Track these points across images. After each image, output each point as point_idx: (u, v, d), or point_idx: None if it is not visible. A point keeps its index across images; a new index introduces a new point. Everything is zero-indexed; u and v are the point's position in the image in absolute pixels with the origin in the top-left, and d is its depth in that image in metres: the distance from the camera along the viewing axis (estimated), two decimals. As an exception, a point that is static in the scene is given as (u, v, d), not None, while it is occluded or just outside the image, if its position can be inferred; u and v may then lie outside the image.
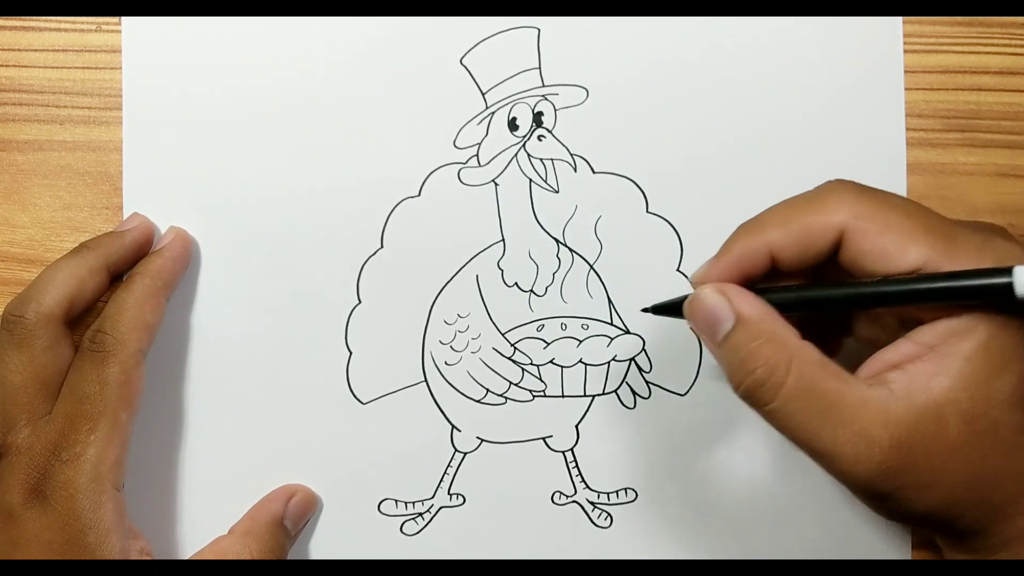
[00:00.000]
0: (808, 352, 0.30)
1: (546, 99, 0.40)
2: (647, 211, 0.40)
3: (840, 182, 0.32)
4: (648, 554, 0.40)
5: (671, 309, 0.34)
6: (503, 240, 0.40)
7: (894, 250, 0.29)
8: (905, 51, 0.40)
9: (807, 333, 0.31)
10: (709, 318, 0.31)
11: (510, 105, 0.40)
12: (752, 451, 0.40)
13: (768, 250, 0.31)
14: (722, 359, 0.31)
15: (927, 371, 0.29)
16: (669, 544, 0.40)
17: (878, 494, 0.30)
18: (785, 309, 0.31)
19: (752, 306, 0.31)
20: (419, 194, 0.40)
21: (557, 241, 0.40)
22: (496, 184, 0.40)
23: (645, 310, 0.35)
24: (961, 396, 0.29)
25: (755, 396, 0.30)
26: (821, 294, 0.31)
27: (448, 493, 0.40)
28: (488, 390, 0.40)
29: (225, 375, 0.40)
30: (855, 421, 0.29)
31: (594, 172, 0.40)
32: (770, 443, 0.40)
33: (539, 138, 0.40)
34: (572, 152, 0.40)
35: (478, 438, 0.40)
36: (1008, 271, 0.27)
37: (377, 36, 0.40)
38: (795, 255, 0.31)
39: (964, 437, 0.29)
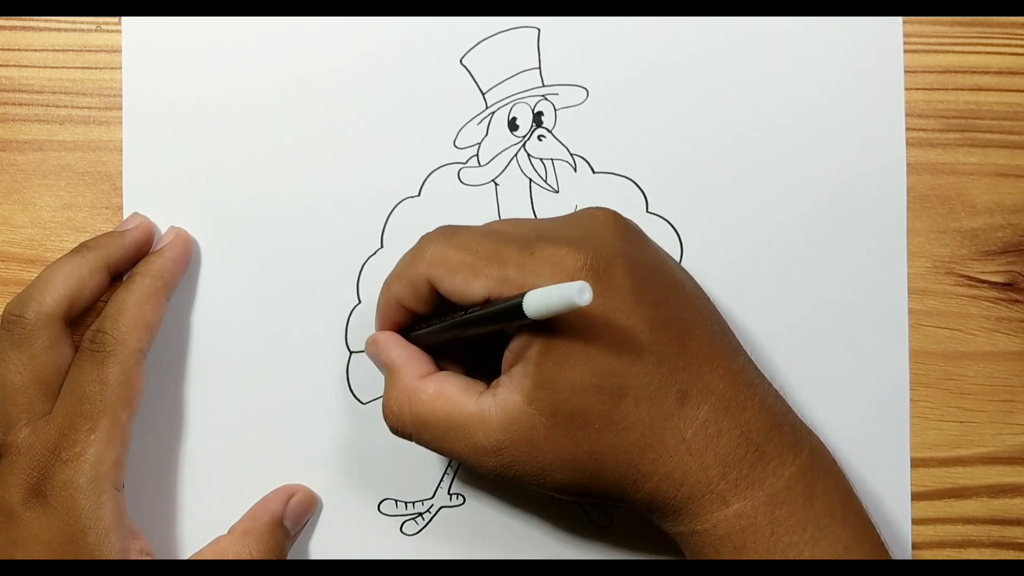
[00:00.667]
0: (422, 391, 0.34)
1: (546, 99, 0.40)
2: (647, 211, 0.40)
3: (433, 232, 0.35)
4: (648, 554, 0.40)
5: None
6: (503, 240, 0.40)
7: (464, 288, 0.33)
8: (905, 51, 0.40)
9: (479, 357, 0.36)
10: (374, 363, 0.37)
11: (510, 105, 0.40)
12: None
13: (397, 302, 0.35)
14: None
15: (519, 374, 0.32)
16: (668, 544, 0.40)
17: (510, 482, 0.34)
18: (430, 343, 0.36)
19: (392, 351, 0.36)
20: (419, 194, 0.40)
21: (557, 241, 0.40)
22: (496, 184, 0.40)
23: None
24: (539, 395, 0.32)
25: (398, 434, 0.35)
26: (435, 328, 0.35)
27: (448, 493, 0.40)
28: (488, 390, 0.40)
29: (225, 375, 0.40)
30: (467, 436, 0.33)
31: (594, 172, 0.40)
32: (770, 443, 0.40)
33: (539, 138, 0.40)
34: (572, 152, 0.40)
35: (478, 438, 0.40)
36: (521, 302, 0.30)
37: (377, 36, 0.40)
38: (415, 302, 0.35)
39: (552, 430, 0.32)
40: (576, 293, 0.28)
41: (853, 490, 0.34)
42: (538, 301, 0.29)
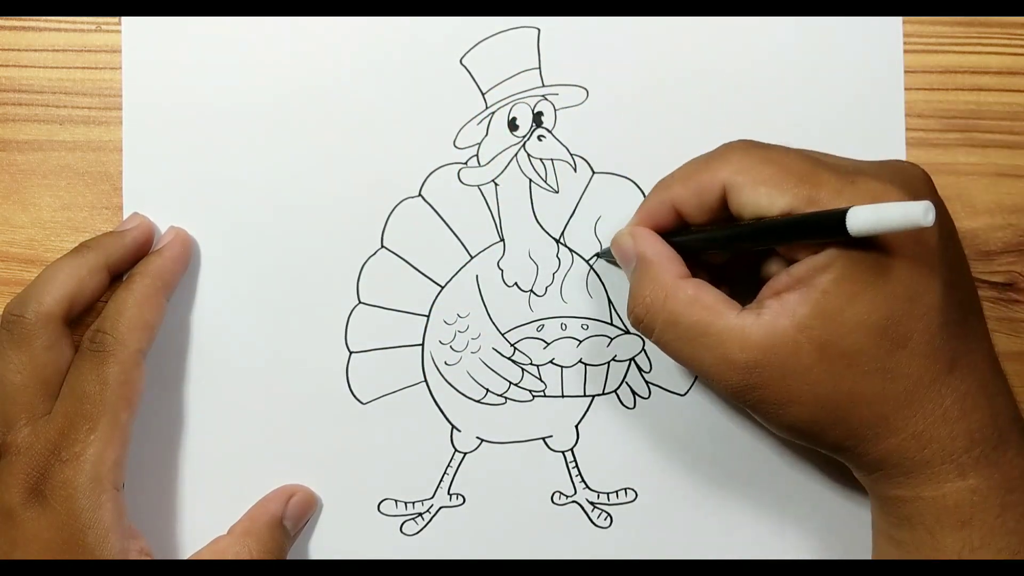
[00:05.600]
0: (681, 290, 0.34)
1: (546, 99, 0.40)
2: (647, 211, 0.40)
3: (736, 142, 0.35)
4: (648, 554, 0.40)
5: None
6: (503, 240, 0.40)
7: (765, 202, 0.32)
8: (905, 51, 0.40)
9: (721, 277, 0.36)
10: (621, 255, 0.37)
11: (510, 105, 0.40)
12: (751, 451, 0.40)
13: (672, 204, 0.35)
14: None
15: (793, 301, 0.32)
16: (669, 544, 0.40)
17: (746, 405, 0.34)
18: (688, 250, 0.36)
19: (651, 247, 0.35)
20: (419, 194, 0.40)
21: (557, 241, 0.40)
22: (496, 184, 0.40)
23: (597, 256, 0.40)
24: (815, 324, 0.32)
25: (640, 327, 0.35)
26: (709, 235, 0.35)
27: (448, 493, 0.40)
28: (488, 390, 0.40)
29: (225, 375, 0.40)
30: (719, 346, 0.33)
31: (594, 172, 0.40)
32: (769, 442, 0.40)
33: (539, 138, 0.40)
34: (572, 152, 0.40)
35: (478, 438, 0.40)
36: (844, 212, 0.29)
37: (377, 36, 0.40)
38: (694, 208, 0.35)
39: (816, 362, 0.32)
40: (922, 213, 0.27)
41: None
42: (868, 216, 0.28)
